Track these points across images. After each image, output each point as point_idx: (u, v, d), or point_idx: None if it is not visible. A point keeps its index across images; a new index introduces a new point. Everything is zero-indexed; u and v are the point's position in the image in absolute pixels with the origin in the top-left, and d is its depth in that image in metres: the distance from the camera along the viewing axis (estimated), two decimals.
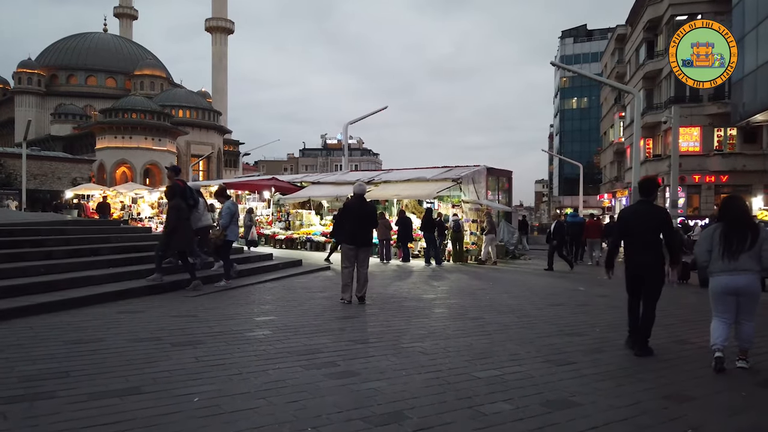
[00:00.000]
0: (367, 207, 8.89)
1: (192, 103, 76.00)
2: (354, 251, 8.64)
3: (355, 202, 8.82)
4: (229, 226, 10.11)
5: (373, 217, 8.95)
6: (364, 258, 8.70)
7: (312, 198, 23.29)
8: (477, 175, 21.95)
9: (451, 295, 9.97)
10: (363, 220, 8.67)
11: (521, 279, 13.72)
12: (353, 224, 8.64)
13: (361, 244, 8.65)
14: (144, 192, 35.28)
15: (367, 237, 8.78)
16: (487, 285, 11.95)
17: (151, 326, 6.35)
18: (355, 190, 8.92)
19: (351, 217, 8.71)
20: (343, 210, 9.03)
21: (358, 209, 8.71)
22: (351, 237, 8.62)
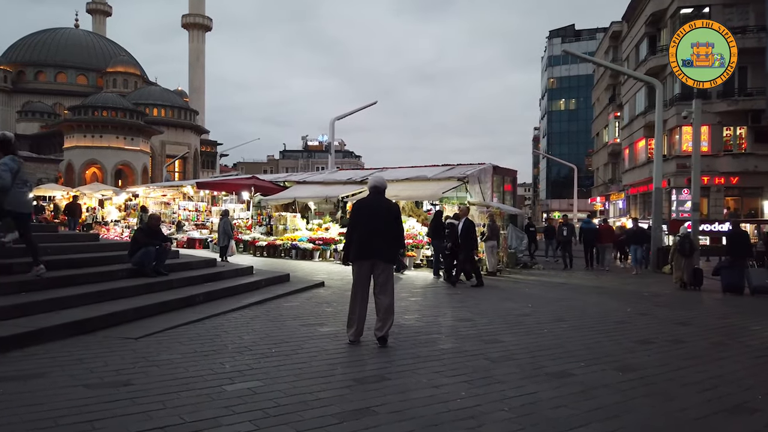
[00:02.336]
0: (388, 207, 6.39)
1: (167, 101, 72.66)
2: (368, 269, 6.15)
3: (372, 201, 6.38)
4: (9, 189, 6.61)
5: (396, 220, 6.40)
6: (384, 279, 6.18)
7: (297, 199, 20.66)
8: (483, 174, 19.58)
9: (497, 328, 7.46)
10: (382, 224, 6.19)
11: (557, 296, 11.29)
12: (368, 230, 6.17)
13: (379, 257, 6.13)
14: (111, 193, 32.32)
15: (388, 248, 6.23)
16: (525, 307, 9.49)
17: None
18: (372, 183, 6.45)
19: (365, 220, 6.25)
20: (355, 212, 6.49)
21: (375, 209, 6.26)
22: (364, 247, 6.14)
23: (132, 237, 8.84)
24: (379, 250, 6.06)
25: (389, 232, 6.19)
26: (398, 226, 6.31)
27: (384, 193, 6.44)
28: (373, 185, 6.41)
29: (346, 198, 19.86)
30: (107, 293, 7.20)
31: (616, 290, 13.00)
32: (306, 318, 7.56)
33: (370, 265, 6.09)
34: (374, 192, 6.38)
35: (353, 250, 6.19)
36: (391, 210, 6.30)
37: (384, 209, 6.21)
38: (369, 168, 23.04)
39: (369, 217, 6.15)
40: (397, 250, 6.32)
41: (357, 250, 6.13)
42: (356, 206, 6.46)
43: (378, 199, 6.31)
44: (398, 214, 6.45)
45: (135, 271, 8.62)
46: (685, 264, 14.05)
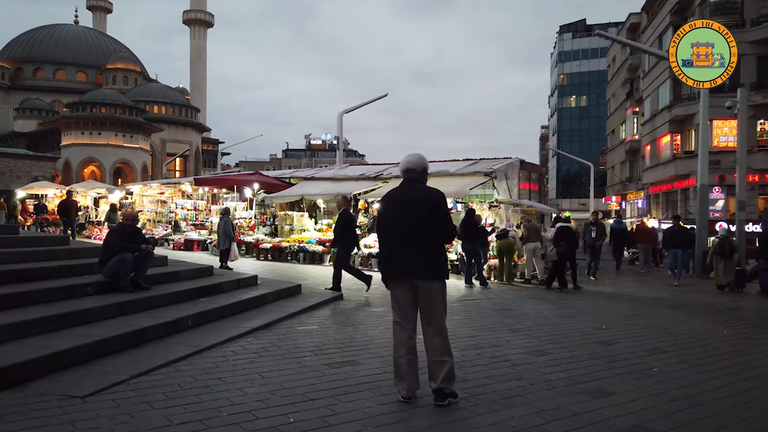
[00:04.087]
0: (424, 198, 4.26)
1: (168, 98, 70.99)
2: (408, 291, 4.17)
3: (401, 193, 4.35)
4: None
5: (437, 214, 4.21)
6: (427, 304, 4.15)
7: (305, 197, 18.75)
8: (510, 169, 17.71)
9: (588, 366, 5.55)
10: (417, 224, 4.17)
11: (621, 311, 9.39)
12: (397, 234, 4.21)
13: (417, 274, 4.12)
14: (105, 191, 30.48)
15: (429, 258, 4.16)
16: (598, 328, 7.58)
17: None
18: (404, 165, 4.40)
19: (393, 220, 4.28)
20: (382, 210, 4.53)
21: (405, 204, 4.25)
22: (397, 261, 4.19)
23: (104, 240, 6.97)
24: (416, 262, 4.08)
25: (428, 234, 4.13)
26: (442, 223, 4.19)
27: (422, 178, 4.39)
28: (404, 168, 4.36)
29: (360, 195, 17.96)
30: (61, 319, 5.31)
31: (682, 302, 11.09)
32: (330, 351, 5.64)
33: (409, 286, 4.14)
34: (407, 179, 4.35)
35: (384, 265, 4.29)
36: (429, 201, 4.19)
37: (418, 202, 4.18)
38: (381, 163, 21.11)
39: (398, 217, 4.20)
40: (442, 259, 4.29)
41: (388, 265, 4.23)
42: (382, 202, 4.52)
43: (410, 188, 4.29)
44: (440, 204, 4.25)
45: (107, 284, 6.73)
46: (725, 266, 13.42)
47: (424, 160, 4.40)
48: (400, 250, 4.15)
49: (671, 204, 36.94)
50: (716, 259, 13.70)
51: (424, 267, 4.09)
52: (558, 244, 12.21)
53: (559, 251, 12.15)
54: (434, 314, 4.12)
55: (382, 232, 4.38)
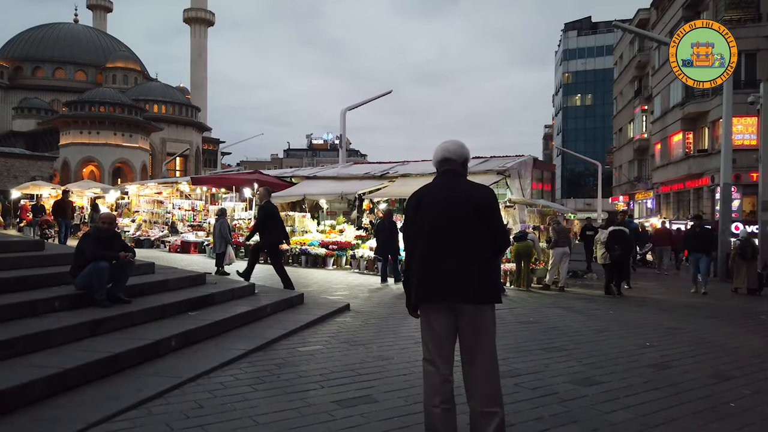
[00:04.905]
0: (470, 194, 3.28)
1: (168, 97, 70.18)
2: (446, 319, 3.18)
3: (439, 190, 3.35)
4: None
5: (487, 218, 3.23)
6: (473, 335, 3.15)
7: (307, 196, 17.81)
8: (523, 167, 16.78)
9: (650, 400, 4.64)
10: (464, 230, 3.19)
11: (659, 322, 8.44)
12: (435, 246, 3.21)
13: (462, 296, 3.12)
14: (100, 191, 29.61)
15: (479, 275, 3.15)
16: (642, 345, 6.64)
17: None
18: (440, 154, 3.41)
19: (430, 226, 3.25)
20: (411, 213, 3.40)
21: (446, 204, 3.25)
22: (433, 280, 3.19)
23: (76, 247, 6.05)
24: (459, 281, 3.10)
25: (475, 242, 3.16)
26: (494, 228, 3.22)
27: (463, 171, 3.42)
28: (441, 157, 3.38)
29: (364, 195, 17.05)
30: (11, 345, 4.37)
31: (718, 310, 10.18)
32: (340, 381, 4.69)
33: (448, 313, 3.16)
34: (443, 172, 3.37)
35: (415, 286, 3.26)
36: (476, 200, 3.21)
37: (461, 201, 3.21)
38: (388, 162, 20.19)
39: (435, 221, 3.20)
40: (495, 275, 3.36)
41: (421, 285, 3.20)
42: (412, 203, 3.39)
43: (450, 184, 3.30)
44: (491, 204, 3.27)
45: (80, 297, 5.81)
46: (746, 269, 12.94)
47: (465, 149, 3.42)
48: (438, 264, 3.15)
49: (683, 204, 35.95)
50: (738, 262, 13.25)
51: (471, 287, 3.10)
52: (612, 248, 11.53)
53: (613, 256, 11.51)
54: (482, 350, 3.14)
55: (410, 242, 3.35)
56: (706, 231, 13.56)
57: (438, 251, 3.17)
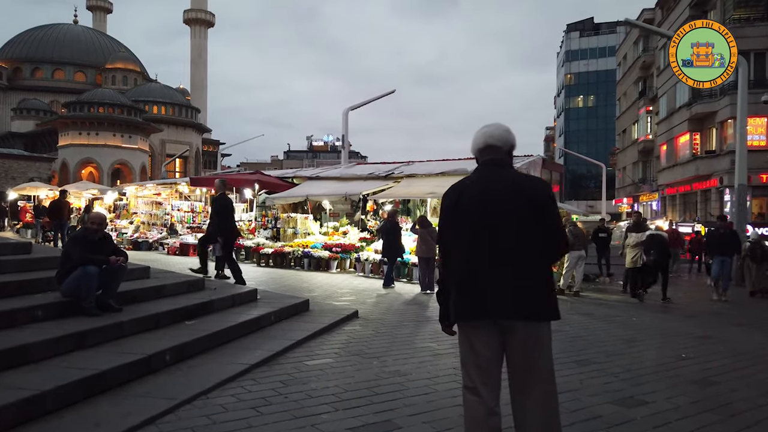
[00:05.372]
0: (520, 188, 2.68)
1: (168, 98, 69.74)
2: (493, 339, 2.63)
3: (482, 183, 2.75)
4: None
5: (543, 217, 2.64)
6: (526, 357, 2.59)
7: (310, 197, 17.29)
8: (532, 167, 16.24)
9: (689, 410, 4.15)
10: (512, 231, 2.61)
11: (688, 331, 7.93)
12: (477, 248, 2.64)
13: (512, 311, 2.55)
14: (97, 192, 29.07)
15: (533, 285, 2.59)
16: (677, 357, 6.13)
17: None
18: (482, 141, 2.85)
19: (470, 227, 2.68)
20: (448, 212, 2.83)
21: (491, 200, 2.67)
22: (475, 291, 2.61)
23: (63, 250, 5.53)
24: (510, 293, 2.57)
25: (528, 247, 2.61)
26: (551, 229, 2.67)
27: (509, 161, 2.88)
28: (483, 144, 2.83)
29: (369, 196, 16.53)
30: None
31: (747, 317, 9.67)
32: (355, 402, 4.16)
33: (496, 332, 2.63)
34: (486, 162, 2.82)
35: (453, 298, 2.72)
36: (530, 195, 2.66)
37: (511, 197, 2.66)
38: (392, 162, 19.65)
39: (478, 221, 2.66)
40: (552, 285, 2.79)
41: (460, 298, 2.67)
42: (450, 200, 2.84)
43: (495, 176, 2.75)
44: (548, 200, 2.71)
45: (67, 305, 5.29)
46: (756, 271, 12.79)
47: (511, 134, 2.87)
48: (481, 273, 2.61)
49: (689, 206, 35.46)
50: (748, 264, 13.05)
51: (523, 300, 2.57)
52: (648, 253, 11.16)
53: (649, 261, 11.14)
54: (537, 376, 2.60)
55: (447, 246, 2.80)
56: (731, 232, 12.84)
57: (482, 257, 2.62)
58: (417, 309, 8.99)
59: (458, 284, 2.67)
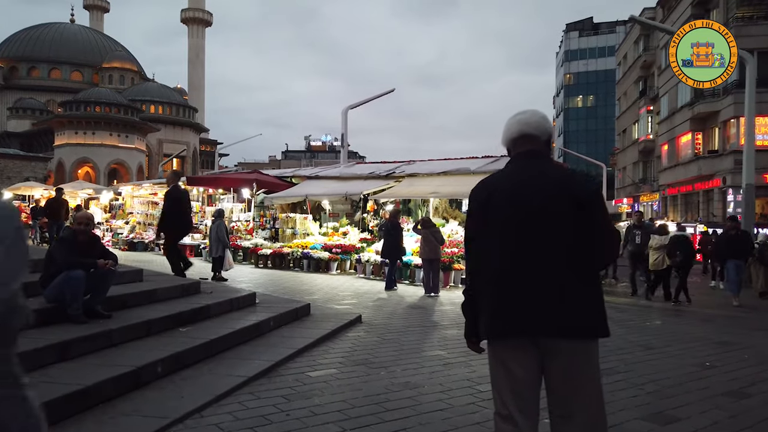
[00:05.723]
0: (562, 183, 2.31)
1: (165, 98, 69.26)
2: (531, 359, 2.25)
3: (516, 178, 2.37)
4: None
5: (600, 221, 2.28)
6: (570, 379, 2.21)
7: (310, 197, 16.92)
8: None
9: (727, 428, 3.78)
10: (553, 233, 2.23)
11: (721, 339, 7.57)
12: (512, 253, 2.26)
13: (558, 326, 2.17)
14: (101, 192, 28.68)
15: (581, 297, 2.20)
16: (690, 356, 5.79)
17: None
18: (519, 129, 2.44)
19: (503, 229, 2.30)
20: (476, 211, 2.41)
21: (526, 197, 2.28)
22: (509, 303, 2.23)
23: (47, 252, 5.16)
24: (553, 306, 2.19)
25: (574, 251, 2.24)
26: (599, 230, 2.29)
27: (546, 152, 2.50)
28: (517, 133, 2.45)
29: (369, 196, 16.18)
30: None
31: (761, 320, 9.34)
32: (364, 421, 3.78)
33: (534, 352, 2.26)
34: (521, 154, 2.45)
35: (484, 312, 2.35)
36: (575, 191, 2.28)
37: (554, 193, 2.30)
38: (393, 161, 19.30)
39: (512, 221, 2.30)
40: (601, 297, 2.33)
41: (493, 312, 2.30)
42: (478, 197, 2.43)
43: (532, 169, 2.38)
44: (594, 197, 2.32)
45: (51, 312, 4.92)
46: (765, 273, 12.59)
47: (548, 122, 2.50)
48: (518, 283, 2.23)
49: (691, 206, 35.18)
50: (755, 266, 12.80)
51: (571, 314, 2.18)
52: (674, 254, 10.89)
53: (675, 262, 10.91)
54: (583, 401, 2.23)
55: (475, 251, 2.41)
56: (743, 234, 12.15)
57: (519, 265, 2.25)
58: (422, 313, 8.63)
59: (490, 296, 2.30)
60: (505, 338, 2.26)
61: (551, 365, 2.23)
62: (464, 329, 2.49)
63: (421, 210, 16.43)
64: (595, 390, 2.25)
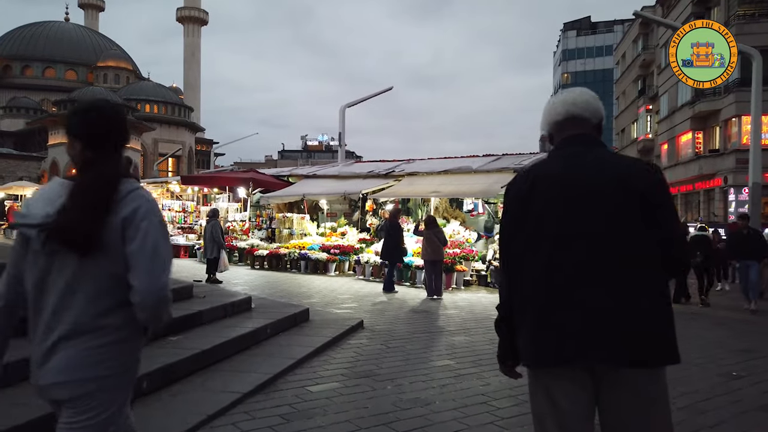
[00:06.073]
0: (629, 175, 1.87)
1: (160, 97, 68.71)
2: (582, 390, 1.83)
3: (568, 168, 1.93)
4: None
5: (668, 217, 1.87)
6: (646, 416, 1.79)
7: (307, 196, 16.53)
8: None
9: None
10: (616, 234, 1.82)
11: (713, 339, 7.21)
12: (562, 259, 1.84)
13: (623, 350, 1.76)
14: None
15: (648, 312, 1.78)
16: (715, 365, 5.42)
17: None
18: (567, 110, 2.02)
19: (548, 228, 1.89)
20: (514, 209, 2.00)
21: (584, 191, 1.86)
22: (557, 319, 1.81)
23: None
24: (614, 325, 1.78)
25: (641, 257, 1.82)
26: (669, 231, 1.86)
27: (598, 136, 2.06)
28: (565, 115, 2.03)
29: (369, 195, 15.80)
30: None
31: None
32: None
33: (582, 380, 1.84)
34: (569, 139, 2.02)
35: (527, 332, 1.91)
36: (637, 184, 1.85)
37: (612, 187, 1.86)
38: (392, 160, 18.91)
39: (566, 221, 1.86)
40: (671, 314, 1.86)
41: (538, 333, 1.87)
42: (519, 192, 2.00)
43: (583, 158, 1.95)
44: (660, 190, 1.89)
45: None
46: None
47: (599, 102, 2.09)
48: (569, 296, 1.82)
49: (691, 206, 34.92)
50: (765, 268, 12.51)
51: (638, 336, 1.78)
52: (695, 254, 10.70)
53: (695, 262, 10.74)
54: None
55: (514, 257, 1.98)
56: (755, 233, 11.38)
57: (572, 274, 1.84)
58: (426, 318, 8.25)
59: (534, 313, 1.89)
60: (554, 365, 1.86)
61: (610, 398, 1.83)
62: (498, 350, 2.10)
63: (421, 209, 16.07)
64: (665, 424, 1.86)
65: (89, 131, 1.83)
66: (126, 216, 1.69)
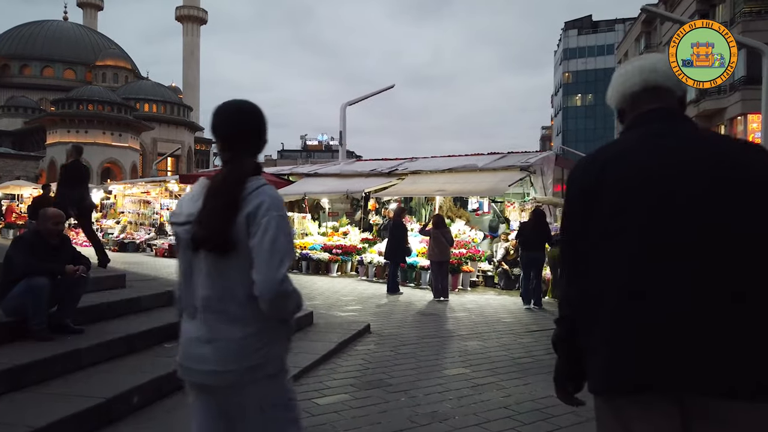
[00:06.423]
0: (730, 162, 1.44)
1: (159, 96, 68.40)
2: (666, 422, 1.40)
3: (650, 152, 1.49)
4: None
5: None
6: None
7: (309, 195, 16.15)
8: (546, 164, 15.19)
9: None
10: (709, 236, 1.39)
11: None
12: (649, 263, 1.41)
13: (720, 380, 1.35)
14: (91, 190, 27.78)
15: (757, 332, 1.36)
16: None
17: None
18: (647, 78, 1.61)
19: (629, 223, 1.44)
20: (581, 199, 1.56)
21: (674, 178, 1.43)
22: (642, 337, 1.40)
23: (5, 255, 4.38)
24: (718, 347, 1.37)
25: (754, 262, 1.37)
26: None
27: (683, 110, 1.68)
28: (642, 85, 1.62)
29: (371, 194, 15.43)
30: None
31: None
32: None
33: (670, 413, 1.41)
34: (648, 114, 1.60)
35: (595, 350, 1.52)
36: (747, 168, 1.43)
37: (717, 170, 1.44)
38: (395, 158, 18.53)
39: (653, 217, 1.44)
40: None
41: (614, 353, 1.46)
42: (585, 182, 1.56)
43: (672, 136, 1.54)
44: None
45: (8, 327, 4.14)
46: None
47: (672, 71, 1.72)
48: (658, 309, 1.40)
49: None
50: None
51: (748, 362, 1.35)
52: None
53: None
54: None
55: (583, 258, 1.55)
56: None
57: (661, 283, 1.42)
58: (435, 321, 7.88)
59: (610, 330, 1.48)
60: (636, 393, 1.48)
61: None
62: (554, 372, 1.73)
63: (424, 209, 15.71)
64: None
65: (224, 132, 1.91)
66: (250, 212, 1.73)
